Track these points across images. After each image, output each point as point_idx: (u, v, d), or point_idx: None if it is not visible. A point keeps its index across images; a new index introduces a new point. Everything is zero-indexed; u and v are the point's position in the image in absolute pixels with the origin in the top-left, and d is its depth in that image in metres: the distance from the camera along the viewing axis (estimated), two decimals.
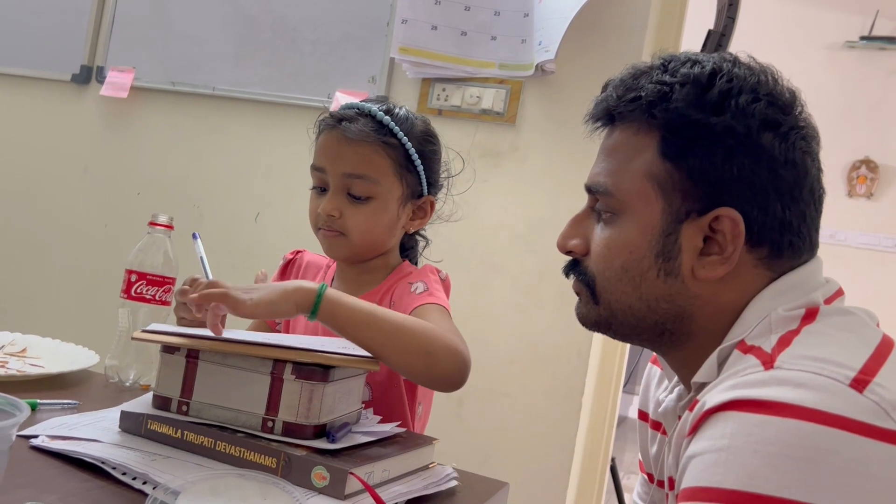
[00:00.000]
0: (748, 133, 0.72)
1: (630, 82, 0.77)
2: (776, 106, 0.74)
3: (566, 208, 2.10)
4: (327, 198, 1.14)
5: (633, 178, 0.76)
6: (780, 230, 0.73)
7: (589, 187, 0.81)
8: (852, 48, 4.38)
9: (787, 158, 0.73)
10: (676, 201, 0.74)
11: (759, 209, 0.72)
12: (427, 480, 0.91)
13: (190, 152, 2.33)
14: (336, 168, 1.13)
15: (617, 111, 0.78)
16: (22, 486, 0.72)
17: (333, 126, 1.14)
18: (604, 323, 0.80)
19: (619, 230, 0.77)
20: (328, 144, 1.15)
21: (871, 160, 4.36)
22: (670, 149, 0.74)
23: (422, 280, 1.14)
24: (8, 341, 1.27)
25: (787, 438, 0.59)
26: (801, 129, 0.75)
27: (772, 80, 0.76)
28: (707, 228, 0.73)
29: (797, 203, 0.74)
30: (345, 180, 1.13)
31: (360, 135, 1.12)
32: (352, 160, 1.12)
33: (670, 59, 0.77)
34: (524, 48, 1.93)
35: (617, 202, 0.77)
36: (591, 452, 2.01)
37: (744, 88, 0.73)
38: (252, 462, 0.81)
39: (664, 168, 0.74)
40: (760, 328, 0.71)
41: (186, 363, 0.89)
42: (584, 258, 0.81)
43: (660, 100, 0.74)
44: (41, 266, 2.47)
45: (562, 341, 1.87)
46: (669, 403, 0.83)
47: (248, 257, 2.09)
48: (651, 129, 0.75)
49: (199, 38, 2.33)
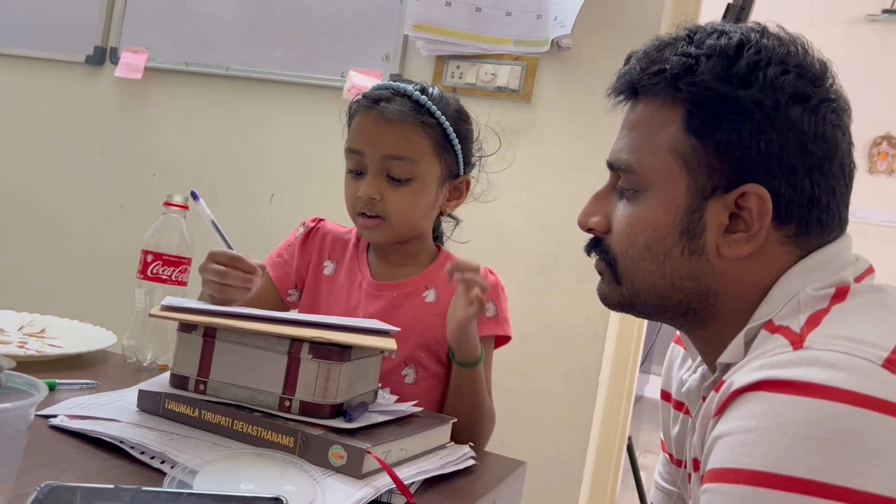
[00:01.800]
0: (777, 107, 0.69)
1: (654, 54, 0.75)
2: (806, 78, 0.71)
3: (583, 187, 2.08)
4: (366, 181, 1.11)
5: (658, 154, 0.74)
6: (808, 207, 0.71)
7: (611, 164, 0.79)
8: (874, 21, 4.29)
9: (816, 133, 0.70)
10: (702, 178, 0.72)
11: (787, 185, 0.70)
12: (444, 460, 0.91)
13: (204, 133, 2.33)
14: (375, 150, 1.11)
15: (640, 84, 0.76)
16: (41, 465, 0.73)
17: (370, 107, 1.12)
18: (627, 303, 0.79)
19: (642, 208, 0.75)
20: (365, 126, 1.12)
21: (892, 136, 4.29)
22: (696, 123, 0.72)
23: (493, 300, 1.17)
24: (27, 322, 1.28)
25: (817, 419, 0.57)
26: (832, 101, 0.72)
27: (802, 50, 0.73)
28: (733, 205, 0.71)
29: (826, 178, 0.71)
30: (384, 162, 1.11)
31: (399, 115, 1.10)
32: (391, 141, 1.10)
33: (696, 30, 0.75)
34: (539, 24, 1.90)
35: (640, 179, 0.75)
36: (608, 432, 2.01)
37: (772, 60, 0.71)
38: (269, 441, 0.82)
39: (689, 143, 0.72)
40: (789, 308, 0.69)
41: (203, 342, 0.88)
42: (605, 236, 0.79)
43: (685, 72, 0.72)
44: (59, 248, 2.49)
45: (578, 321, 1.86)
46: (693, 384, 0.82)
47: (264, 238, 2.08)
48: (676, 102, 0.73)
49: (212, 18, 2.32)
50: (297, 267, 1.23)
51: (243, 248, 1.05)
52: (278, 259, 1.24)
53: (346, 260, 1.22)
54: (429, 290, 1.17)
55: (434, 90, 1.16)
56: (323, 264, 1.23)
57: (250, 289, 1.03)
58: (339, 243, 1.24)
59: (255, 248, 1.25)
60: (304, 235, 1.25)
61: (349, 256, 1.22)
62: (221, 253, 1.03)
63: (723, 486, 0.59)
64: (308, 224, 1.26)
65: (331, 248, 1.23)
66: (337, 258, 1.23)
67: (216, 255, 1.02)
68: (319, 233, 1.25)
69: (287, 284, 1.23)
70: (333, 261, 1.23)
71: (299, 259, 1.23)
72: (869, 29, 4.31)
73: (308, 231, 1.25)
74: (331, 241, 1.24)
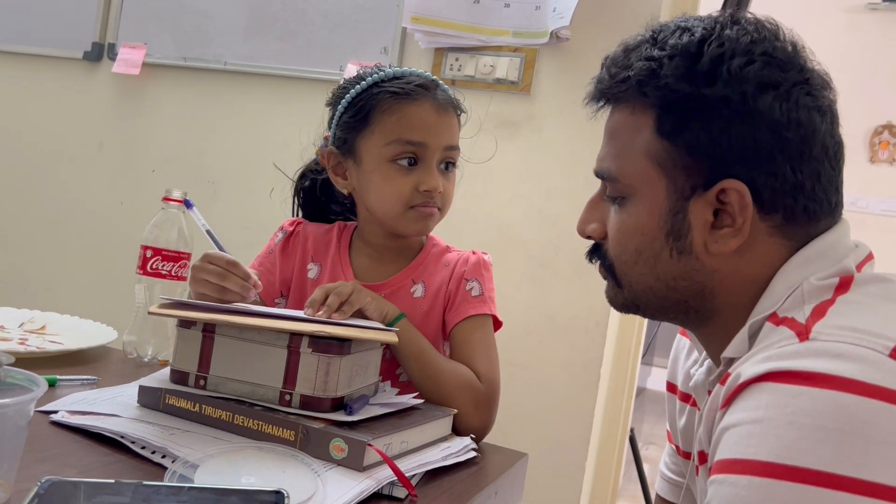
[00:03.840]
0: (744, 99, 0.69)
1: (622, 60, 0.76)
2: (773, 65, 0.70)
3: (583, 178, 2.08)
4: (429, 173, 1.09)
5: (635, 161, 0.74)
6: (792, 195, 0.71)
7: (597, 173, 0.80)
8: (874, 10, 4.27)
9: (790, 119, 0.69)
10: (680, 179, 0.72)
11: (766, 176, 0.70)
12: (446, 452, 0.90)
13: (203, 128, 2.32)
14: (439, 141, 1.09)
15: (611, 93, 0.77)
16: (42, 460, 0.73)
17: (420, 97, 1.10)
18: (631, 304, 0.80)
19: (628, 214, 0.76)
20: (424, 116, 1.09)
21: (893, 125, 4.28)
22: (666, 126, 0.72)
23: (477, 278, 1.14)
24: (27, 319, 1.28)
25: (825, 410, 0.57)
26: (805, 83, 0.71)
27: (770, 34, 0.72)
28: (715, 202, 0.71)
29: (808, 163, 0.71)
30: (445, 153, 1.11)
31: (449, 103, 1.12)
32: (450, 131, 1.11)
33: (660, 30, 0.75)
34: (538, 15, 1.89)
35: (623, 186, 0.76)
36: (610, 423, 2.01)
37: (736, 51, 0.70)
38: (270, 435, 0.82)
39: (662, 146, 0.72)
40: (792, 299, 0.68)
41: (203, 338, 0.88)
42: (603, 242, 0.80)
43: (649, 77, 0.72)
44: (58, 244, 2.48)
45: (579, 313, 1.86)
46: (699, 377, 0.82)
47: (264, 233, 2.07)
48: (646, 107, 0.73)
49: (210, 13, 2.31)
50: (280, 275, 1.19)
51: (243, 244, 1.05)
52: (261, 268, 1.19)
53: (329, 261, 1.18)
54: (416, 285, 1.14)
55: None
56: (307, 267, 1.19)
57: (247, 297, 1.01)
58: (321, 243, 1.20)
59: (256, 244, 1.25)
60: (283, 241, 1.21)
61: (332, 257, 1.18)
62: (218, 256, 1.00)
63: (730, 477, 0.59)
64: (287, 229, 1.22)
65: (313, 251, 1.19)
66: (320, 259, 1.19)
67: (213, 258, 1.00)
68: (300, 236, 1.21)
69: (273, 294, 1.19)
70: (317, 263, 1.19)
71: (282, 266, 1.19)
72: (869, 18, 4.29)
73: (287, 236, 1.21)
74: (313, 243, 1.20)
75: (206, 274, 0.99)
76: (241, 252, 1.06)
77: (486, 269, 1.16)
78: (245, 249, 1.20)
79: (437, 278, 1.14)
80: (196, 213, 1.06)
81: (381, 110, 1.09)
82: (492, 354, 1.11)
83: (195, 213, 1.06)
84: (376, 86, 1.11)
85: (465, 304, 1.12)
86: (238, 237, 1.07)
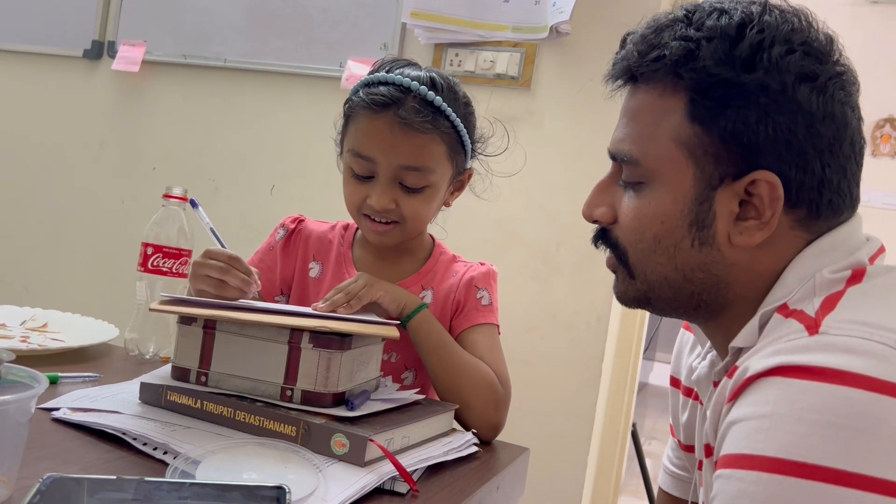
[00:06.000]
0: (783, 89, 0.67)
1: (652, 38, 0.72)
2: (812, 55, 0.68)
3: (584, 174, 2.07)
4: (378, 191, 1.05)
5: (661, 144, 0.71)
6: (819, 189, 0.69)
7: (613, 154, 0.76)
8: (876, 3, 4.26)
9: (825, 112, 0.68)
10: (709, 167, 0.70)
11: (797, 169, 0.68)
12: (447, 447, 0.90)
13: (203, 125, 2.32)
14: (390, 160, 1.04)
15: (639, 71, 0.73)
16: (44, 457, 0.73)
17: (380, 110, 1.04)
18: (643, 298, 0.76)
19: (648, 200, 0.73)
20: (377, 132, 1.04)
21: (895, 118, 4.27)
22: (699, 111, 0.69)
23: (486, 288, 1.15)
24: (29, 317, 1.28)
25: (834, 406, 0.56)
26: (840, 76, 0.70)
27: (806, 24, 0.70)
28: (743, 193, 0.69)
29: (837, 158, 0.69)
30: (399, 172, 1.05)
31: (416, 124, 1.03)
32: (408, 152, 1.04)
33: (694, 10, 0.72)
34: (538, 10, 1.89)
35: (644, 171, 0.73)
36: (612, 418, 2.01)
37: (776, 39, 0.68)
38: (272, 431, 0.82)
39: (693, 132, 0.69)
40: (803, 291, 0.67)
41: (204, 334, 0.88)
42: (612, 227, 0.77)
43: (685, 58, 0.69)
44: (60, 242, 2.49)
45: (580, 308, 1.86)
46: (703, 370, 0.80)
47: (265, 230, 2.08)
48: (677, 90, 0.70)
49: (209, 10, 2.31)
50: (281, 272, 1.18)
51: (245, 240, 1.05)
52: (261, 265, 1.18)
53: (332, 261, 1.17)
54: (425, 292, 1.14)
55: (442, 82, 1.08)
56: (308, 266, 1.18)
57: (247, 292, 1.00)
58: (323, 243, 1.19)
59: (257, 241, 1.25)
60: (285, 238, 1.20)
61: (334, 257, 1.17)
62: (220, 252, 1.00)
63: (737, 472, 0.58)
64: (288, 226, 1.21)
65: (315, 250, 1.19)
66: (322, 259, 1.18)
67: (214, 254, 1.00)
68: (302, 234, 1.20)
69: (273, 291, 1.19)
70: (319, 262, 1.18)
71: (283, 264, 1.19)
72: (872, 11, 4.28)
73: (289, 233, 1.20)
74: (315, 242, 1.19)
75: (207, 269, 0.99)
76: (241, 249, 1.06)
77: (494, 280, 1.17)
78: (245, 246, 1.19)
79: (444, 286, 1.15)
80: (201, 212, 1.06)
81: (353, 116, 1.09)
82: (503, 360, 1.13)
83: (200, 213, 1.05)
84: (362, 89, 1.09)
85: (475, 312, 1.12)
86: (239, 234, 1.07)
